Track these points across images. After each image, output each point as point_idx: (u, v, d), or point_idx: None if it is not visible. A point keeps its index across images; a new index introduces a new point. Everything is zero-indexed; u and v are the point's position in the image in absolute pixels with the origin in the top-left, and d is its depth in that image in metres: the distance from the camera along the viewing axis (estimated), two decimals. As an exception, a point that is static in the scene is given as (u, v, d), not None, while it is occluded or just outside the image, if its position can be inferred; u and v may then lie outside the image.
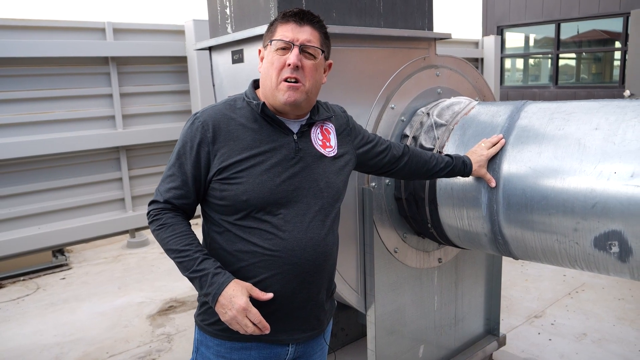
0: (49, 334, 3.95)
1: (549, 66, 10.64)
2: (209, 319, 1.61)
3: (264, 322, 1.46)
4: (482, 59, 5.91)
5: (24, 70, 2.98)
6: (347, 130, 1.78)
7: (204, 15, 2.89)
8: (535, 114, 2.11)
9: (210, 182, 1.55)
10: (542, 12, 10.22)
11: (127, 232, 3.56)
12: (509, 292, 4.39)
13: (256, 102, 1.58)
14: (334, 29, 2.30)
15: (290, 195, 1.55)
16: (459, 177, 2.16)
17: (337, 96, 2.33)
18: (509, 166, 2.03)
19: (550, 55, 10.52)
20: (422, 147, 2.39)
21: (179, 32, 3.57)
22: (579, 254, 1.86)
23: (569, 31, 10.23)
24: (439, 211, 2.32)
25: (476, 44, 5.94)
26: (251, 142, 1.54)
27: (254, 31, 2.34)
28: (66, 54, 3.05)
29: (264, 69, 1.59)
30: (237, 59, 2.58)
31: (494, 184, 2.06)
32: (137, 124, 3.44)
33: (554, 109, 2.06)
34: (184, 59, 3.57)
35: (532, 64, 11.55)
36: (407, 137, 2.46)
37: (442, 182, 2.28)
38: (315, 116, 1.67)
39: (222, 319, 1.47)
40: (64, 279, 5.20)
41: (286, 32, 1.54)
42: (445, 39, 2.81)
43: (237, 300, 1.43)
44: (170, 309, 4.36)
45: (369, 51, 2.49)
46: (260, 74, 1.63)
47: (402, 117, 2.49)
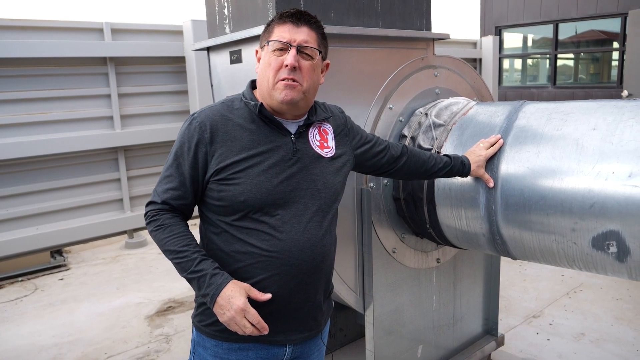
0: (47, 335, 3.94)
1: (547, 66, 10.65)
2: (206, 320, 1.61)
3: (263, 322, 1.45)
4: (480, 59, 5.91)
5: (22, 70, 2.98)
6: (345, 130, 1.78)
7: (202, 15, 2.89)
8: (533, 114, 2.11)
9: (207, 183, 1.55)
10: (540, 13, 10.24)
11: (125, 232, 3.55)
12: (508, 292, 4.40)
13: (254, 102, 1.58)
14: (332, 29, 2.30)
15: (287, 196, 1.54)
16: (457, 177, 2.16)
17: (335, 96, 2.33)
18: (507, 166, 2.03)
19: (548, 55, 10.53)
20: (420, 147, 2.39)
21: (177, 33, 3.56)
22: (577, 254, 1.86)
23: (567, 31, 10.24)
24: (437, 211, 2.32)
25: (474, 45, 5.94)
26: (249, 142, 1.54)
27: (252, 31, 2.34)
28: (64, 54, 3.05)
29: (261, 69, 1.59)
30: (235, 59, 2.58)
31: (492, 184, 2.06)
32: (135, 125, 3.43)
33: (552, 109, 2.07)
34: (182, 59, 3.56)
35: (530, 64, 11.56)
36: (406, 137, 2.46)
37: (440, 183, 2.29)
38: (312, 117, 1.66)
39: (221, 319, 1.46)
40: (62, 279, 5.19)
41: (283, 32, 1.54)
42: (443, 39, 2.81)
43: (235, 301, 1.43)
44: (168, 309, 4.35)
45: (367, 51, 2.49)
46: (257, 74, 1.62)
47: (401, 118, 2.50)
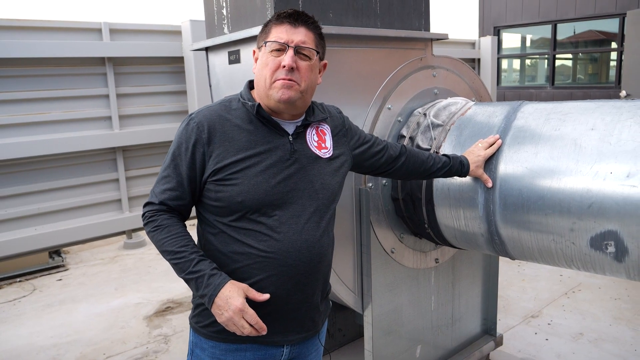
0: (45, 336, 3.94)
1: (546, 67, 10.67)
2: (203, 321, 1.61)
3: (261, 322, 1.45)
4: (478, 60, 5.91)
5: (20, 70, 2.97)
6: (343, 131, 1.78)
7: (201, 15, 2.88)
8: (531, 114, 2.11)
9: (205, 183, 1.54)
10: (538, 13, 10.25)
11: (124, 233, 3.54)
12: (506, 292, 4.40)
13: (251, 103, 1.58)
14: (330, 30, 2.30)
15: (285, 196, 1.54)
16: (455, 177, 2.16)
17: (333, 97, 2.33)
18: (506, 166, 2.03)
19: (546, 55, 10.55)
20: (418, 147, 2.39)
21: (176, 33, 3.56)
22: (575, 254, 1.86)
23: (565, 32, 10.26)
24: (436, 211, 2.32)
25: (473, 45, 5.94)
26: (246, 143, 1.54)
27: (251, 32, 2.33)
28: (62, 54, 3.04)
29: (258, 69, 1.58)
30: (234, 59, 2.58)
31: (490, 184, 2.06)
32: (133, 125, 3.43)
33: (550, 110, 2.07)
34: (180, 60, 3.56)
35: (529, 64, 11.58)
36: (404, 137, 2.46)
37: (438, 183, 2.29)
38: (310, 117, 1.66)
39: (219, 320, 1.46)
40: (60, 280, 5.19)
41: (281, 33, 1.54)
42: (442, 39, 2.81)
43: (233, 301, 1.42)
44: (167, 309, 4.35)
45: (366, 52, 2.49)
46: (254, 74, 1.62)
47: (399, 118, 2.50)
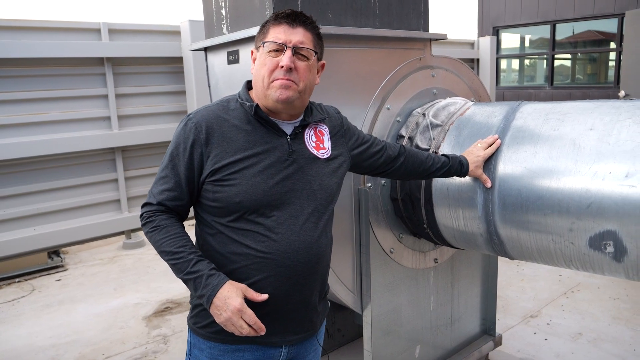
0: (44, 336, 3.93)
1: (545, 67, 10.67)
2: (201, 322, 1.61)
3: (259, 323, 1.44)
4: (477, 60, 5.92)
5: (19, 71, 2.97)
6: (342, 131, 1.77)
7: (200, 15, 2.88)
8: (530, 114, 2.11)
9: (203, 184, 1.54)
10: (537, 13, 10.26)
11: (122, 233, 3.54)
12: (505, 292, 4.41)
13: (249, 103, 1.58)
14: (329, 30, 2.30)
15: (283, 197, 1.54)
16: (454, 177, 2.16)
17: (332, 97, 2.33)
18: (505, 166, 2.03)
19: (545, 56, 10.56)
20: (417, 147, 2.40)
21: (175, 33, 3.56)
22: (574, 254, 1.86)
23: (564, 32, 10.27)
24: (435, 211, 2.32)
25: (472, 45, 5.95)
26: (244, 143, 1.53)
27: (250, 32, 2.33)
28: (61, 54, 3.04)
29: (256, 70, 1.58)
30: (233, 59, 2.58)
31: (489, 184, 2.06)
32: (132, 125, 3.43)
33: (549, 110, 2.07)
34: (179, 60, 3.56)
35: (528, 64, 11.59)
36: (403, 137, 2.47)
37: (437, 183, 2.29)
38: (308, 118, 1.66)
39: (217, 320, 1.45)
40: (59, 280, 5.18)
41: (278, 33, 1.53)
42: (440, 39, 2.81)
43: (231, 301, 1.42)
44: (166, 310, 4.35)
45: (365, 52, 2.49)
46: (252, 75, 1.62)
47: (398, 118, 2.50)
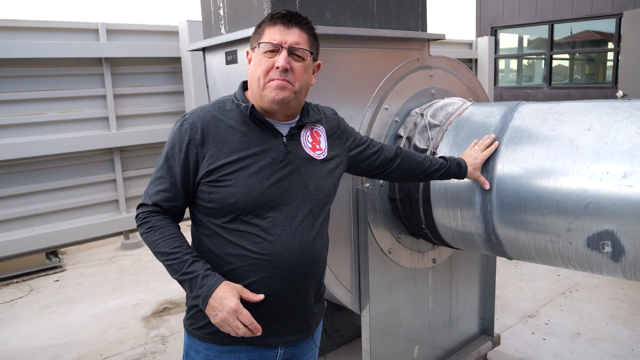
0: (42, 337, 3.93)
1: (543, 67, 10.69)
2: (197, 323, 1.60)
3: (255, 323, 1.44)
4: (475, 60, 5.92)
5: (17, 71, 2.96)
6: (338, 132, 1.77)
7: (198, 16, 2.88)
8: (528, 114, 2.11)
9: (198, 185, 1.54)
10: (535, 13, 10.27)
11: (121, 233, 3.54)
12: (503, 292, 4.41)
13: (245, 104, 1.57)
14: (327, 30, 2.30)
15: (278, 198, 1.53)
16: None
17: (330, 97, 2.33)
18: (503, 166, 2.04)
19: (543, 56, 10.57)
20: (415, 147, 2.40)
21: (173, 33, 3.56)
22: (572, 253, 1.86)
23: (562, 32, 10.28)
24: (433, 212, 2.32)
25: (470, 45, 5.95)
26: (240, 144, 1.53)
27: (248, 32, 2.33)
28: (59, 54, 3.03)
29: (252, 70, 1.58)
30: (231, 59, 2.58)
31: (488, 186, 2.06)
32: (131, 125, 3.42)
33: (547, 110, 2.07)
34: (177, 60, 3.55)
35: (526, 64, 11.60)
36: (401, 137, 2.47)
37: (436, 183, 2.29)
38: (305, 118, 1.65)
39: (213, 321, 1.44)
40: (57, 281, 5.18)
41: (274, 34, 1.53)
42: (439, 39, 2.81)
43: (227, 302, 1.41)
44: (164, 310, 4.34)
45: (363, 52, 2.49)
46: (248, 76, 1.61)
47: (396, 118, 2.50)
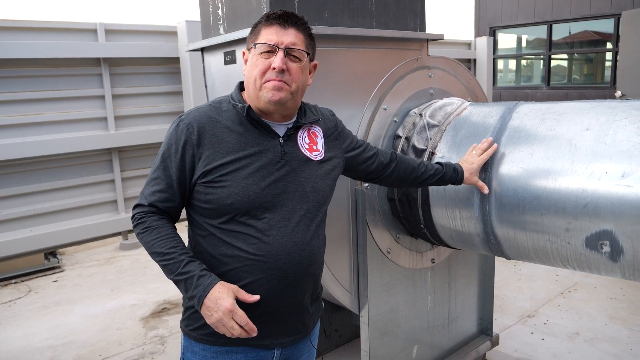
0: (41, 337, 3.92)
1: (541, 67, 10.70)
2: (193, 324, 1.59)
3: (251, 324, 1.43)
4: (474, 60, 5.93)
5: (15, 71, 2.96)
6: (335, 134, 1.76)
7: (197, 16, 2.88)
8: (527, 114, 2.12)
9: (194, 185, 1.53)
10: (534, 14, 10.28)
11: (119, 234, 3.54)
12: (502, 292, 4.41)
13: (241, 105, 1.57)
14: (326, 30, 2.30)
15: (275, 199, 1.53)
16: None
17: (329, 97, 2.33)
18: (501, 167, 2.04)
19: (542, 56, 10.58)
20: (414, 147, 2.40)
21: (172, 33, 3.55)
22: (571, 253, 1.87)
23: (560, 32, 10.29)
24: (432, 212, 2.33)
25: (469, 45, 5.96)
26: (236, 145, 1.53)
27: (247, 32, 2.29)
28: (57, 55, 3.03)
29: (248, 71, 1.57)
30: (230, 60, 2.58)
31: (486, 190, 2.05)
32: (129, 126, 3.42)
33: (545, 110, 2.07)
34: (176, 60, 3.55)
35: (525, 64, 11.61)
36: (400, 137, 2.47)
37: (434, 183, 2.29)
38: (302, 119, 1.65)
39: (208, 321, 1.43)
40: (56, 281, 5.17)
41: (270, 35, 1.52)
42: (437, 40, 2.81)
43: (222, 302, 1.40)
44: (163, 311, 4.34)
45: (362, 52, 2.49)
46: (244, 76, 1.60)
47: (395, 118, 2.50)
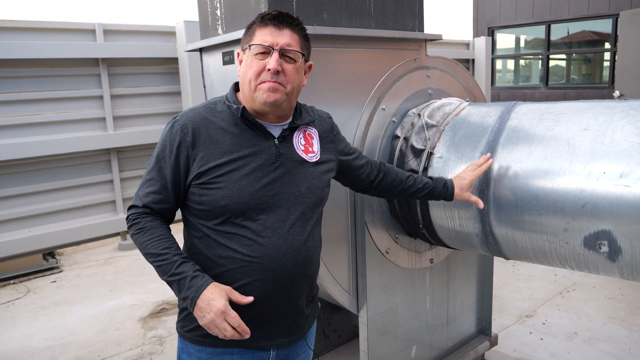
0: (39, 338, 3.92)
1: (540, 67, 10.71)
2: (188, 326, 1.60)
3: (244, 325, 1.42)
4: (473, 60, 5.93)
5: (13, 72, 2.96)
6: (331, 136, 1.76)
7: (195, 16, 2.88)
8: (525, 114, 2.12)
9: (189, 187, 1.53)
10: (532, 14, 10.29)
11: (118, 234, 3.54)
12: (501, 292, 4.41)
13: (236, 106, 1.56)
14: (324, 30, 2.30)
15: (270, 200, 1.52)
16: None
17: (328, 97, 2.33)
18: (500, 167, 2.04)
19: (540, 56, 10.59)
20: (413, 147, 2.40)
21: (170, 34, 3.55)
22: (569, 253, 1.87)
23: (559, 32, 10.30)
24: (431, 212, 2.33)
25: (467, 45, 5.96)
26: (231, 146, 1.52)
27: (245, 32, 2.33)
28: (56, 55, 3.03)
29: (243, 72, 1.56)
30: (228, 60, 2.58)
31: (482, 205, 2.04)
32: (128, 126, 3.42)
33: (543, 110, 2.08)
34: (174, 61, 3.55)
35: (523, 65, 11.61)
36: (398, 138, 2.47)
37: (433, 183, 2.29)
38: (297, 120, 1.64)
39: (201, 322, 1.43)
40: (54, 282, 5.16)
41: (265, 36, 1.51)
42: (436, 40, 2.82)
43: (215, 303, 1.39)
44: (162, 311, 4.34)
45: (360, 52, 2.49)
46: (239, 77, 1.60)
47: (393, 118, 2.50)
